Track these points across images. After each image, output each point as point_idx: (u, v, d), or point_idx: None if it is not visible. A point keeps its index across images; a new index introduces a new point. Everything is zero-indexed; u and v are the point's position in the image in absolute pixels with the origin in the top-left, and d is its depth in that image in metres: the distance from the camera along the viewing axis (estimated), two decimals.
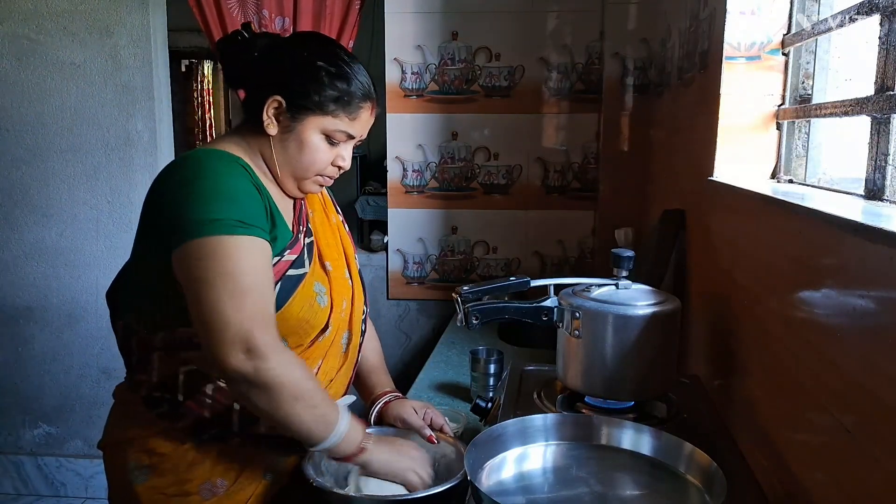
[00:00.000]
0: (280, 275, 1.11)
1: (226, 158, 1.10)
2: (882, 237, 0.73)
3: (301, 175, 1.17)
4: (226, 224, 1.01)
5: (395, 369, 2.90)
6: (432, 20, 2.66)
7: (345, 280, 1.28)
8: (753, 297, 1.19)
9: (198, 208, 1.02)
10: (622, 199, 2.61)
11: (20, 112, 2.75)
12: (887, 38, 0.96)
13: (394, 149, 2.77)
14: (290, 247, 1.15)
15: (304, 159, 1.15)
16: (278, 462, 1.21)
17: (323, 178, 1.20)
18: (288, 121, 1.13)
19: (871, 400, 0.75)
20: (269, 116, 1.13)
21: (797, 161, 1.39)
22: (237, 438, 1.15)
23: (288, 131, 1.14)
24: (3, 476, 3.00)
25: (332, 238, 1.30)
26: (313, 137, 1.14)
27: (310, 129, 1.14)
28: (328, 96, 1.13)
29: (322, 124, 1.14)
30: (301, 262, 1.16)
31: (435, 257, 2.83)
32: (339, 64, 1.15)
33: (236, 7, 2.64)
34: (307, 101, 1.12)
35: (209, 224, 1.00)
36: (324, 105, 1.13)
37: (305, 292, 1.15)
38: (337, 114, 1.14)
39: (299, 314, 1.14)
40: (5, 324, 2.87)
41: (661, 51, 2.32)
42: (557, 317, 1.22)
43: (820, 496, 0.89)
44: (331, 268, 1.23)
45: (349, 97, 1.14)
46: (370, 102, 1.18)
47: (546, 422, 1.07)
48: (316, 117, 1.13)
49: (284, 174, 1.17)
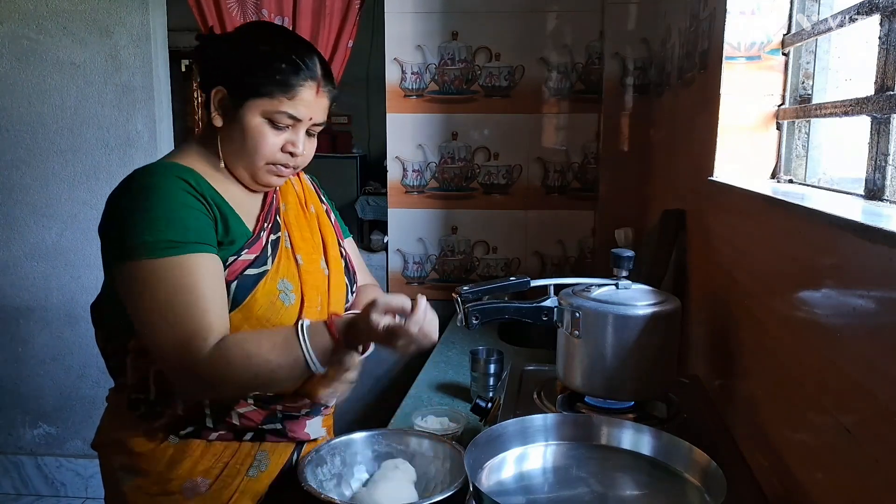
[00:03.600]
0: (236, 274, 1.11)
1: (166, 173, 1.10)
2: (882, 237, 0.73)
3: (250, 164, 1.15)
4: (155, 247, 1.03)
5: (394, 369, 2.91)
6: (432, 20, 2.66)
7: (319, 272, 1.25)
8: (753, 297, 1.19)
9: (129, 232, 1.05)
10: (622, 199, 2.61)
11: (20, 112, 2.75)
12: (887, 38, 0.96)
13: (394, 149, 2.77)
14: (249, 246, 1.14)
15: (249, 145, 1.13)
16: (261, 458, 1.21)
17: (277, 168, 1.17)
18: (230, 109, 1.13)
19: (871, 400, 0.75)
20: (216, 108, 1.13)
21: (797, 161, 1.39)
22: (213, 433, 1.16)
23: (232, 120, 1.13)
24: (3, 476, 3.00)
25: (308, 230, 1.28)
26: (255, 122, 1.12)
27: (250, 113, 1.12)
28: (264, 77, 1.11)
29: (261, 107, 1.11)
30: (263, 259, 1.15)
31: (435, 257, 2.83)
32: (275, 44, 1.14)
33: (236, 7, 2.64)
34: (245, 85, 1.11)
35: (138, 248, 1.04)
36: (260, 87, 1.11)
37: (266, 290, 1.14)
38: (274, 94, 1.11)
39: (259, 313, 1.13)
40: (5, 324, 2.87)
41: (661, 51, 2.32)
42: (557, 317, 1.22)
43: (820, 496, 0.89)
44: (302, 261, 1.21)
45: (284, 75, 1.11)
46: (312, 82, 1.14)
47: (546, 422, 1.07)
48: (255, 101, 1.11)
49: (236, 166, 1.16)
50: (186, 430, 1.16)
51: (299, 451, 1.27)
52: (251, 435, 1.19)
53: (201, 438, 1.16)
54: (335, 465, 1.22)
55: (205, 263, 1.07)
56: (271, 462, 1.22)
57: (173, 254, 1.04)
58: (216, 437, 1.17)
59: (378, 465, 1.25)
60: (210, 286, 1.07)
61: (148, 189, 1.07)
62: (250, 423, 1.18)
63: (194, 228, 1.07)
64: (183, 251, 1.04)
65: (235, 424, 1.17)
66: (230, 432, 1.18)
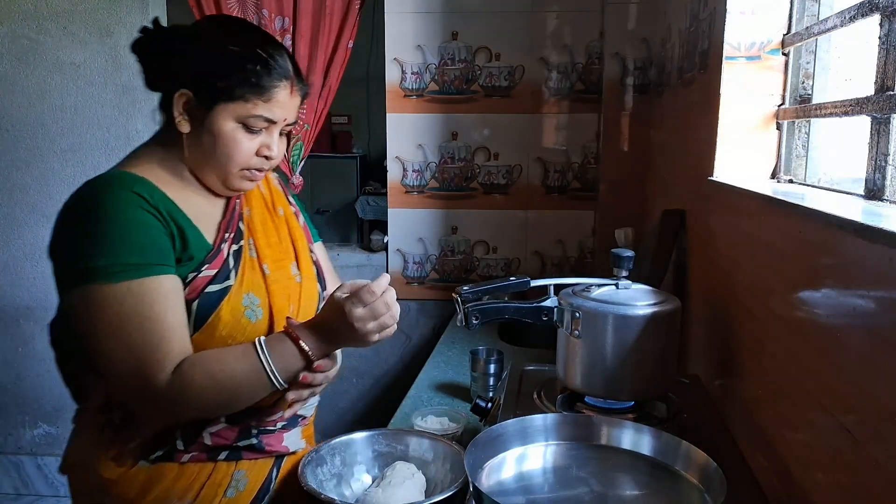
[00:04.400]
0: (197, 292, 1.04)
1: (119, 186, 1.02)
2: (882, 237, 0.73)
3: (223, 171, 1.08)
4: (107, 271, 0.97)
5: (394, 369, 2.91)
6: (432, 20, 2.66)
7: (290, 280, 1.18)
8: (753, 297, 1.19)
9: (80, 254, 0.98)
10: (622, 199, 2.61)
11: (20, 112, 2.75)
12: (887, 38, 0.96)
13: (394, 149, 2.77)
14: (210, 260, 1.07)
15: (221, 153, 1.06)
16: (239, 477, 1.14)
17: (251, 173, 1.10)
18: (198, 114, 1.05)
19: (871, 400, 0.75)
20: (180, 112, 1.05)
21: (797, 161, 1.39)
22: (185, 454, 1.09)
23: (201, 126, 1.05)
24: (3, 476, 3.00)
25: (276, 235, 1.20)
26: (227, 127, 1.05)
27: (222, 118, 1.05)
28: (236, 80, 1.03)
29: (234, 111, 1.04)
30: (225, 274, 1.08)
31: (435, 257, 2.83)
32: (244, 43, 1.06)
33: (236, 7, 2.64)
34: (214, 88, 1.04)
35: (90, 272, 0.97)
36: (232, 90, 1.03)
37: (231, 307, 1.07)
38: (249, 98, 1.04)
39: (224, 333, 1.06)
40: (5, 324, 2.87)
41: (661, 51, 2.32)
42: (557, 317, 1.22)
43: (819, 496, 0.89)
44: (269, 271, 1.14)
45: (258, 78, 1.04)
46: (286, 81, 1.07)
47: (546, 422, 1.07)
48: (226, 105, 1.04)
49: (205, 173, 1.09)
50: (156, 453, 1.08)
51: (279, 466, 1.20)
52: (226, 454, 1.12)
53: (173, 461, 1.09)
54: (335, 465, 1.22)
55: (163, 286, 1.00)
56: (250, 481, 1.15)
57: (129, 277, 0.97)
58: (189, 459, 1.09)
59: (378, 466, 1.25)
60: (169, 309, 1.00)
61: (99, 206, 0.99)
62: (223, 441, 1.11)
63: (151, 248, 1.00)
64: (139, 274, 0.98)
65: (207, 444, 1.10)
66: (203, 453, 1.10)
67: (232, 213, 1.14)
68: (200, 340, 1.05)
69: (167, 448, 1.09)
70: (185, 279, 1.04)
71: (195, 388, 1.00)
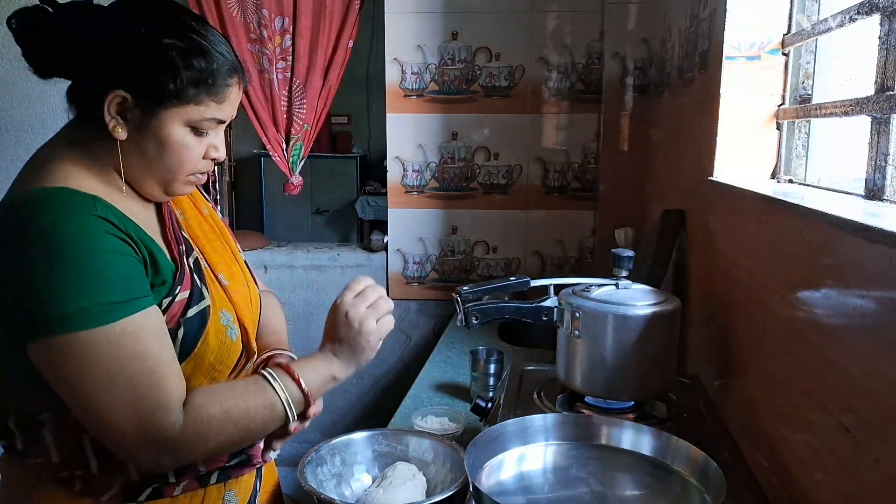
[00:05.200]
0: (177, 319, 0.92)
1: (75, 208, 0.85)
2: (882, 237, 0.73)
3: (168, 178, 0.94)
4: (91, 313, 0.81)
5: (394, 369, 2.91)
6: (432, 20, 2.66)
7: (244, 289, 1.08)
8: (753, 297, 1.19)
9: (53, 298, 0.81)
10: (622, 199, 2.61)
11: (20, 113, 2.75)
12: (887, 38, 0.96)
13: (394, 149, 2.77)
14: (181, 281, 0.94)
15: (170, 161, 0.92)
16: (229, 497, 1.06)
17: (196, 177, 0.98)
18: (139, 118, 0.90)
19: (871, 400, 0.75)
20: (113, 116, 0.89)
21: (797, 161, 1.39)
22: (177, 487, 0.98)
23: (142, 130, 0.90)
24: None
25: (216, 239, 1.08)
26: (176, 132, 0.91)
27: (170, 123, 0.90)
28: (186, 80, 0.89)
29: (185, 115, 0.91)
30: (198, 293, 0.96)
31: (435, 257, 2.83)
32: (189, 36, 0.90)
33: (236, 7, 2.64)
34: (160, 91, 0.88)
35: (70, 318, 0.81)
36: (182, 92, 0.89)
37: (216, 328, 0.96)
38: (200, 100, 0.91)
39: (214, 357, 0.96)
40: None
41: (661, 51, 2.32)
42: (557, 317, 1.22)
43: (819, 496, 0.89)
44: (226, 281, 1.04)
45: (212, 77, 0.91)
46: (236, 76, 0.95)
47: (546, 422, 1.07)
48: (175, 108, 0.90)
49: (146, 181, 0.94)
50: (145, 493, 0.95)
51: (260, 476, 1.14)
52: (216, 476, 1.03)
53: (164, 497, 0.97)
54: (335, 465, 1.22)
55: (152, 319, 0.87)
56: (239, 499, 1.08)
57: (116, 318, 0.83)
58: (181, 491, 0.99)
59: (378, 466, 1.26)
60: (164, 344, 0.88)
61: (61, 237, 0.82)
62: (218, 463, 1.03)
63: (131, 280, 0.86)
64: (126, 312, 0.84)
65: (201, 471, 1.01)
66: (195, 480, 1.00)
67: (171, 221, 1.01)
68: (188, 369, 0.93)
69: (158, 484, 0.96)
70: (161, 307, 0.90)
71: (213, 426, 0.90)
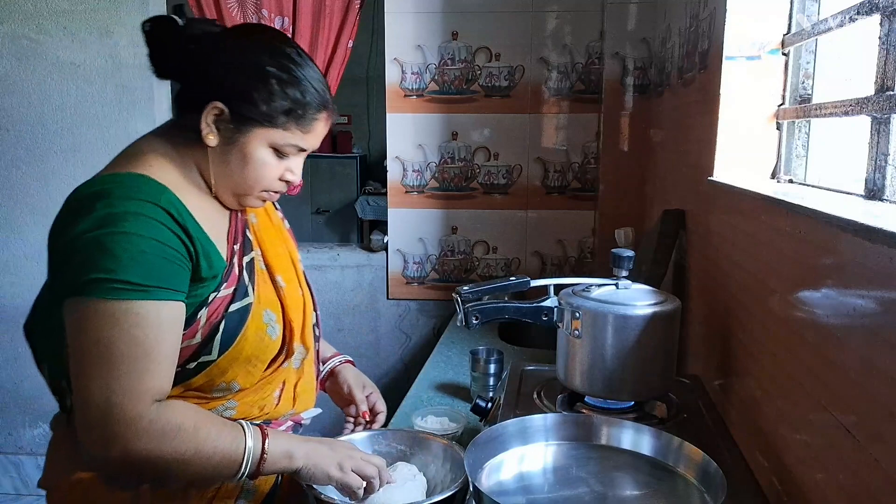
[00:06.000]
0: (221, 314, 0.99)
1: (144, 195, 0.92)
2: (882, 237, 0.73)
3: (243, 192, 1.04)
4: (111, 287, 0.87)
5: (394, 369, 2.91)
6: (432, 20, 2.66)
7: (298, 292, 1.14)
8: (753, 297, 1.19)
9: (89, 264, 0.88)
10: (622, 199, 2.61)
11: (20, 112, 2.75)
12: (887, 38, 0.96)
13: (394, 149, 2.77)
14: (226, 279, 1.00)
15: (249, 175, 1.01)
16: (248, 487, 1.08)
17: (268, 194, 1.06)
18: (231, 131, 0.99)
19: (871, 400, 0.75)
20: (209, 125, 0.98)
21: (797, 161, 1.39)
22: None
23: (230, 143, 0.99)
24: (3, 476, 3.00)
25: (280, 245, 1.16)
26: (260, 152, 1.00)
27: (256, 142, 0.99)
28: (278, 107, 0.98)
29: (271, 138, 1.00)
30: (242, 291, 1.02)
31: (435, 257, 2.83)
32: (290, 68, 1.00)
33: (236, 7, 2.64)
34: (254, 111, 0.98)
35: (93, 284, 0.88)
36: (273, 117, 0.98)
37: (256, 325, 1.02)
38: (288, 127, 1.00)
39: (251, 351, 1.02)
40: (5, 324, 2.87)
41: (661, 51, 2.32)
42: (557, 317, 1.22)
43: (819, 496, 0.89)
44: (283, 283, 1.09)
45: (303, 109, 1.00)
46: (326, 112, 1.04)
47: (546, 422, 1.07)
48: (264, 130, 0.99)
49: (223, 189, 1.03)
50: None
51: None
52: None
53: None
54: None
55: (162, 313, 0.91)
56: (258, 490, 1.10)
57: (125, 297, 0.88)
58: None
59: None
60: (163, 341, 0.92)
61: (121, 216, 0.90)
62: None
63: (162, 272, 0.91)
64: (137, 296, 0.89)
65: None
66: None
67: (237, 222, 1.08)
68: (226, 362, 1.00)
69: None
70: (206, 300, 0.97)
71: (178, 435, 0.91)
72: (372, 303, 2.89)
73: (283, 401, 1.12)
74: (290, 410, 1.14)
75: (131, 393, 0.88)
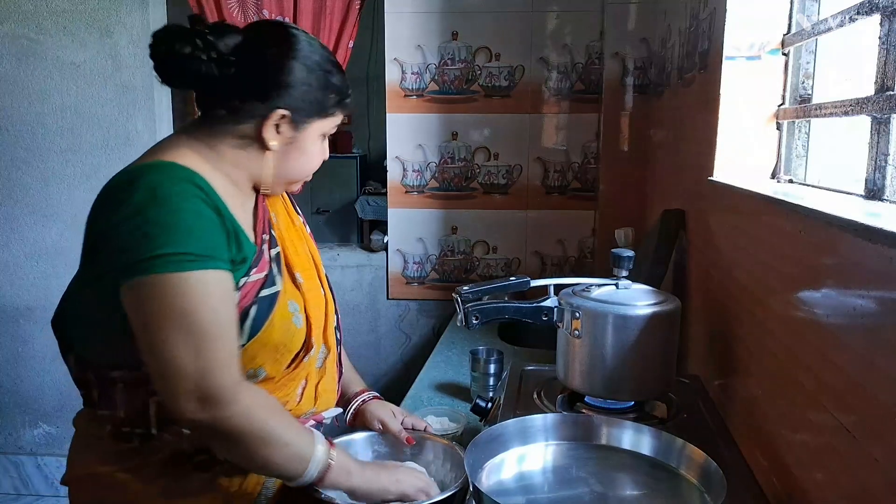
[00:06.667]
0: (252, 297, 1.01)
1: (178, 176, 0.96)
2: (882, 237, 0.73)
3: (299, 178, 1.13)
4: (176, 260, 0.90)
5: (394, 369, 2.91)
6: (432, 20, 2.66)
7: (318, 291, 1.17)
8: (753, 297, 1.19)
9: (147, 242, 0.90)
10: (622, 199, 2.61)
11: (20, 112, 2.75)
12: (887, 38, 0.96)
13: (394, 149, 2.77)
14: (256, 263, 1.03)
15: (306, 167, 1.10)
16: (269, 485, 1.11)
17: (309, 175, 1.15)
18: (290, 131, 1.05)
19: (871, 400, 0.75)
20: (273, 131, 1.03)
21: (797, 161, 1.39)
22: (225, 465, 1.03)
23: (291, 142, 1.06)
24: (3, 476, 3.00)
25: (300, 244, 1.18)
26: (315, 143, 1.09)
27: (313, 135, 1.07)
28: (329, 99, 1.07)
29: (323, 128, 1.08)
30: (272, 279, 1.05)
31: (435, 257, 2.83)
32: (327, 58, 1.07)
33: (236, 7, 2.64)
34: (312, 107, 1.05)
35: (158, 260, 0.89)
36: (326, 107, 1.07)
37: (282, 313, 1.05)
38: (335, 112, 1.09)
39: (278, 338, 1.04)
40: (5, 324, 2.87)
41: (661, 51, 2.32)
42: (557, 317, 1.22)
43: (819, 496, 0.89)
44: (302, 279, 1.12)
45: (344, 93, 1.09)
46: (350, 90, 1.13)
47: (546, 422, 1.07)
48: (319, 121, 1.07)
49: (278, 183, 1.10)
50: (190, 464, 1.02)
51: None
52: None
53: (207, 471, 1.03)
54: None
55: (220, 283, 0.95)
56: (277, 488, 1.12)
57: (192, 268, 0.91)
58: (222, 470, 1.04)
59: None
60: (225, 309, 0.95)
61: (161, 193, 0.93)
62: None
63: (213, 242, 0.94)
64: (201, 266, 0.92)
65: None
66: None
67: (264, 213, 1.11)
68: (255, 348, 1.02)
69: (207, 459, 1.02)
70: (237, 284, 0.99)
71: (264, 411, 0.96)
72: (372, 303, 2.89)
73: (304, 399, 1.13)
74: (312, 409, 1.15)
75: (223, 362, 0.92)
